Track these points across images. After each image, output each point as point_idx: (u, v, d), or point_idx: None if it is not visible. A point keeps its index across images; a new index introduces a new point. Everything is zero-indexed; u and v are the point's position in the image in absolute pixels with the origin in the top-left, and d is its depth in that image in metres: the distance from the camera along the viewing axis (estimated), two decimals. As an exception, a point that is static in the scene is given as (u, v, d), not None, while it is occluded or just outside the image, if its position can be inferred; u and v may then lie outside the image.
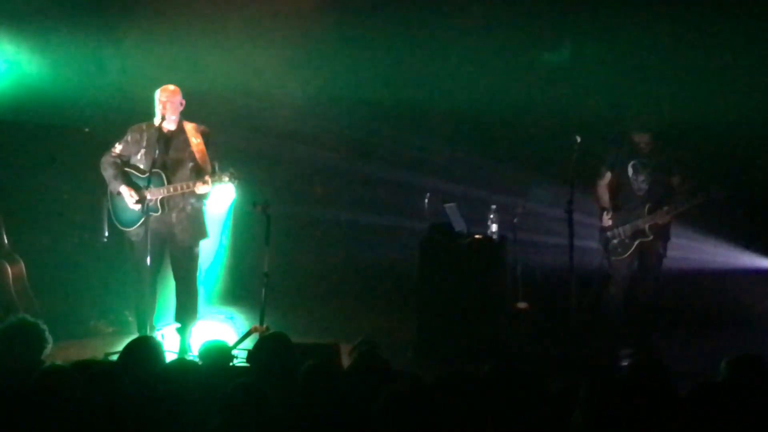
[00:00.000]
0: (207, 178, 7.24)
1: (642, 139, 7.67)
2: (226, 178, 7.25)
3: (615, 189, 7.82)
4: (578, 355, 7.43)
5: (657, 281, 7.77)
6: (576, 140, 7.41)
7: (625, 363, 7.28)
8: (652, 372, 4.73)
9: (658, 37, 9.40)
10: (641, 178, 7.70)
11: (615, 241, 7.75)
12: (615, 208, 7.79)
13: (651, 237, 7.63)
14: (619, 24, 9.47)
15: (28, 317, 5.73)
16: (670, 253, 7.88)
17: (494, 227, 8.02)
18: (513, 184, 9.62)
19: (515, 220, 7.95)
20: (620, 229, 7.71)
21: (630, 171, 7.73)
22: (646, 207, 7.64)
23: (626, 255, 7.71)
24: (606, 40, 9.59)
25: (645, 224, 7.63)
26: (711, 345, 7.84)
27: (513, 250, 8.15)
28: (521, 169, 9.76)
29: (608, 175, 7.83)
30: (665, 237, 7.72)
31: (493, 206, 8.06)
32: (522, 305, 8.11)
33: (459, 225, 7.98)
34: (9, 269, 7.94)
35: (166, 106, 7.33)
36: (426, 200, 8.24)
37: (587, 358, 7.44)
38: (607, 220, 7.77)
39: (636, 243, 7.68)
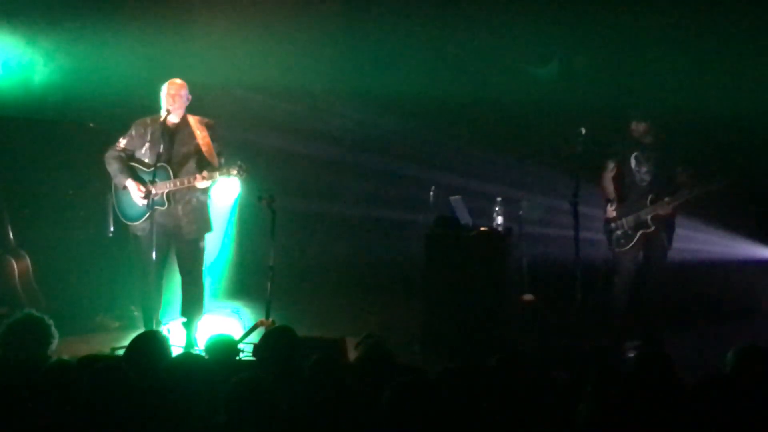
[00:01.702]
0: (205, 172, 7.21)
1: (641, 128, 7.63)
2: (234, 171, 7.23)
3: (618, 180, 7.80)
4: (584, 348, 7.42)
5: (662, 273, 7.74)
6: (581, 132, 7.40)
7: (631, 355, 7.28)
8: (658, 364, 4.72)
9: (660, 27, 9.37)
10: (644, 169, 7.67)
11: (618, 233, 7.72)
12: (619, 200, 7.77)
13: (653, 228, 7.60)
14: (621, 16, 9.44)
15: (35, 312, 5.75)
16: (676, 244, 7.86)
17: (500, 220, 8.02)
18: (518, 176, 9.61)
19: (520, 213, 7.95)
20: (623, 221, 7.69)
21: (633, 162, 7.70)
22: (648, 198, 7.61)
23: (629, 246, 7.68)
24: (608, 35, 9.57)
25: (647, 215, 7.60)
26: (717, 336, 7.83)
27: (519, 242, 8.14)
28: (526, 162, 9.75)
29: (612, 167, 7.81)
30: (670, 229, 7.69)
31: (499, 199, 8.05)
32: (528, 297, 8.12)
33: (464, 218, 7.98)
34: (15, 265, 7.96)
35: (174, 100, 7.32)
36: (431, 193, 8.23)
37: (593, 350, 7.42)
38: (611, 212, 7.75)
39: (639, 234, 7.65)
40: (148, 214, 7.26)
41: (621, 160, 7.74)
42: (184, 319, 7.55)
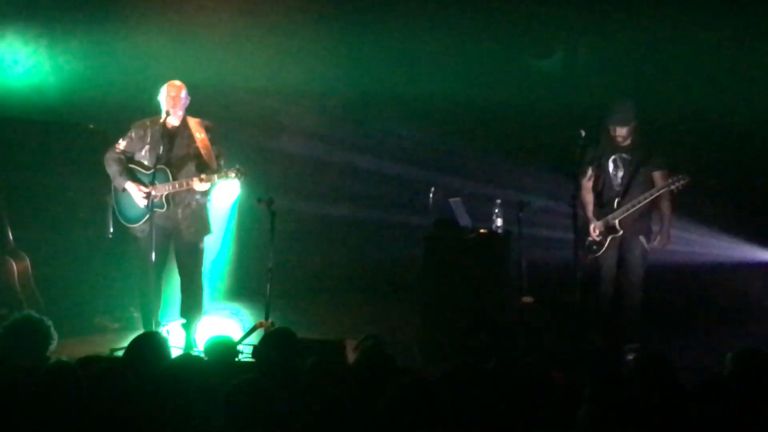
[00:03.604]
0: (203, 175, 7.23)
1: (620, 132, 7.52)
2: (233, 174, 7.24)
3: (596, 184, 7.70)
4: (584, 350, 7.42)
5: (643, 275, 7.60)
6: (580, 134, 7.38)
7: (630, 357, 7.27)
8: (657, 366, 4.72)
9: (665, 22, 9.34)
10: (621, 173, 7.57)
11: (590, 239, 7.66)
12: (595, 205, 7.67)
13: (621, 232, 7.54)
14: (617, 20, 9.42)
15: (34, 314, 5.75)
16: (675, 247, 7.82)
17: (499, 222, 8.00)
18: (518, 178, 9.61)
19: (520, 215, 7.91)
20: (595, 225, 7.64)
21: (610, 166, 7.60)
22: (616, 202, 7.56)
23: (602, 252, 7.61)
24: (612, 27, 9.55)
25: (614, 219, 7.53)
26: (715, 339, 7.83)
27: (518, 244, 8.13)
28: (526, 164, 9.74)
29: (590, 174, 7.70)
30: (645, 231, 7.57)
31: (498, 201, 8.04)
32: (527, 300, 8.10)
33: (464, 220, 7.98)
34: (14, 266, 7.96)
35: (174, 102, 7.32)
36: (430, 195, 8.22)
37: (592, 352, 7.43)
38: (594, 234, 7.65)
39: (609, 239, 7.58)
40: (147, 216, 7.27)
41: (598, 163, 7.66)
42: (184, 321, 7.56)
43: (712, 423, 4.23)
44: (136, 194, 7.31)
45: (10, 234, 8.10)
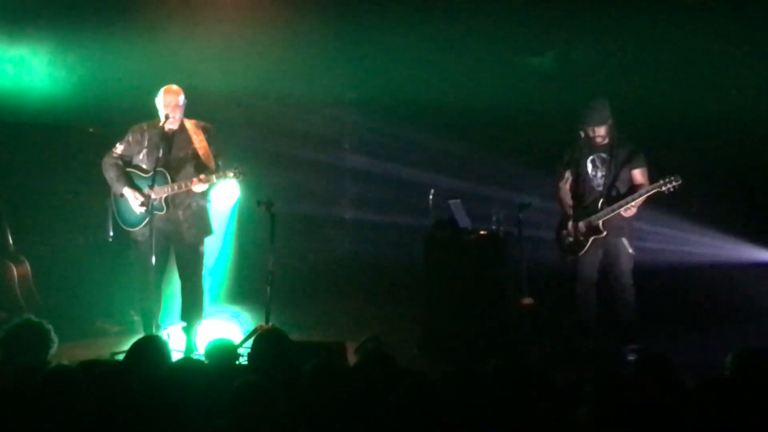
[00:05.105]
0: (202, 176, 7.23)
1: (598, 132, 7.46)
2: (231, 174, 7.24)
3: (575, 186, 7.64)
4: (584, 351, 7.42)
5: (632, 277, 7.55)
6: (579, 135, 7.37)
7: (631, 358, 7.26)
8: (658, 366, 4.72)
9: (658, 21, 9.34)
10: (600, 173, 7.51)
11: (570, 239, 7.60)
12: (575, 207, 7.62)
13: (605, 233, 7.49)
14: (611, 18, 9.42)
15: (34, 317, 5.75)
16: (675, 247, 7.83)
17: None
18: (517, 180, 9.61)
19: (520, 216, 7.91)
20: (576, 226, 7.57)
21: (589, 166, 7.55)
22: (600, 202, 7.51)
23: (582, 253, 7.56)
24: (605, 26, 9.55)
25: (599, 220, 7.47)
26: (716, 339, 7.81)
27: (518, 245, 8.13)
28: (525, 165, 9.74)
29: (567, 176, 7.66)
30: (627, 233, 7.51)
31: (498, 202, 8.04)
32: (527, 301, 8.10)
33: (463, 221, 7.98)
34: (14, 270, 7.96)
35: (171, 106, 7.32)
36: (430, 197, 8.23)
37: (593, 353, 7.42)
38: (574, 233, 7.61)
39: (591, 240, 7.52)
40: (147, 219, 7.26)
41: (576, 165, 7.59)
42: (184, 324, 7.56)
43: (713, 423, 4.22)
44: (133, 201, 7.30)
45: (11, 238, 8.11)
